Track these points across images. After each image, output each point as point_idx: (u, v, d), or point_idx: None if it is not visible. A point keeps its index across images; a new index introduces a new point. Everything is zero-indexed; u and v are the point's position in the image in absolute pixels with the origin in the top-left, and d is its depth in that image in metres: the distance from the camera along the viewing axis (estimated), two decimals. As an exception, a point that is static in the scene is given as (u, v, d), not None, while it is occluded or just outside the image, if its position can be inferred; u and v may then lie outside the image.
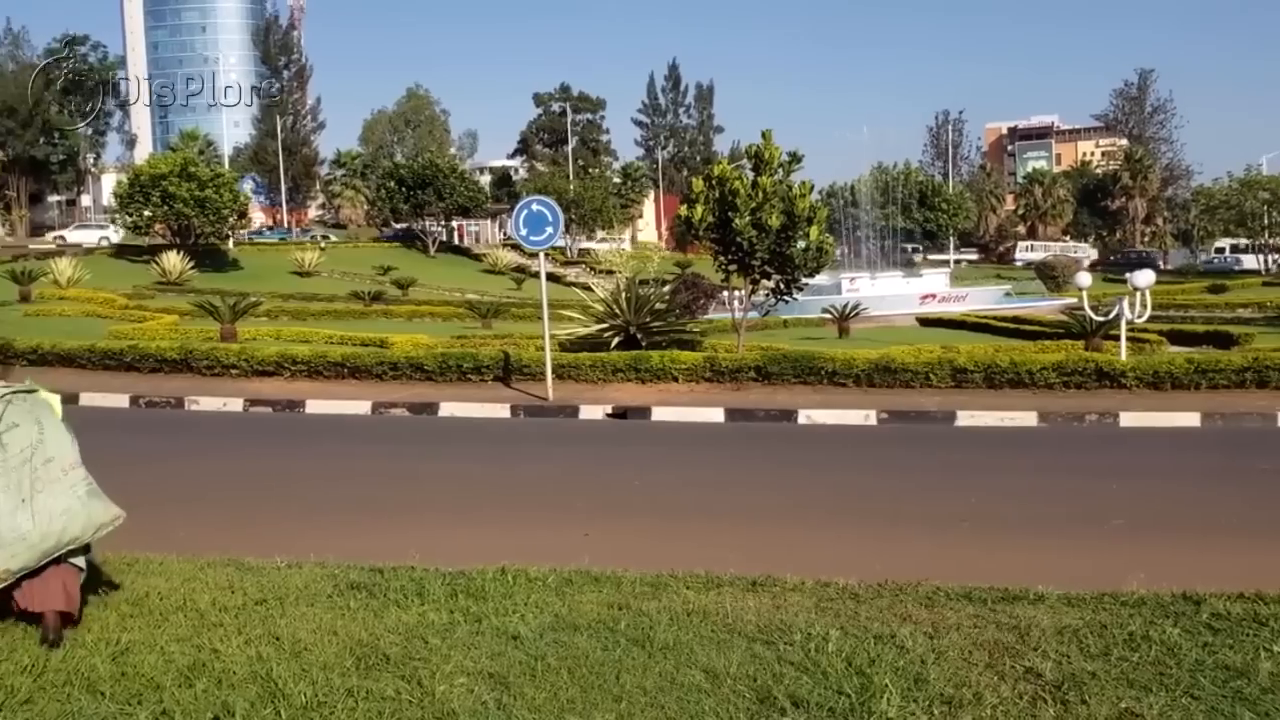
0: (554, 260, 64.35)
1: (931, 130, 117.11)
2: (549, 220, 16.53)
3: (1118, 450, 12.93)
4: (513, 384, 17.57)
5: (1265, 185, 68.02)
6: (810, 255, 18.72)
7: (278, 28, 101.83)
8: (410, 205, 72.35)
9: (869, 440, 13.98)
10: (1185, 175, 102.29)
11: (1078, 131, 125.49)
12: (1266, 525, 8.50)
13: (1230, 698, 4.37)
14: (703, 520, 8.94)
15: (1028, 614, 5.54)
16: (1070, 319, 23.82)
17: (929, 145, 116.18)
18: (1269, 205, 67.31)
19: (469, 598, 5.97)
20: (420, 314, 38.47)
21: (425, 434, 14.72)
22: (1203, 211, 75.69)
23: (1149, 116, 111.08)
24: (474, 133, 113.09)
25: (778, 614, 5.62)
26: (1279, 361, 15.90)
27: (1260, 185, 68.38)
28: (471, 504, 9.72)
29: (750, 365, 17.26)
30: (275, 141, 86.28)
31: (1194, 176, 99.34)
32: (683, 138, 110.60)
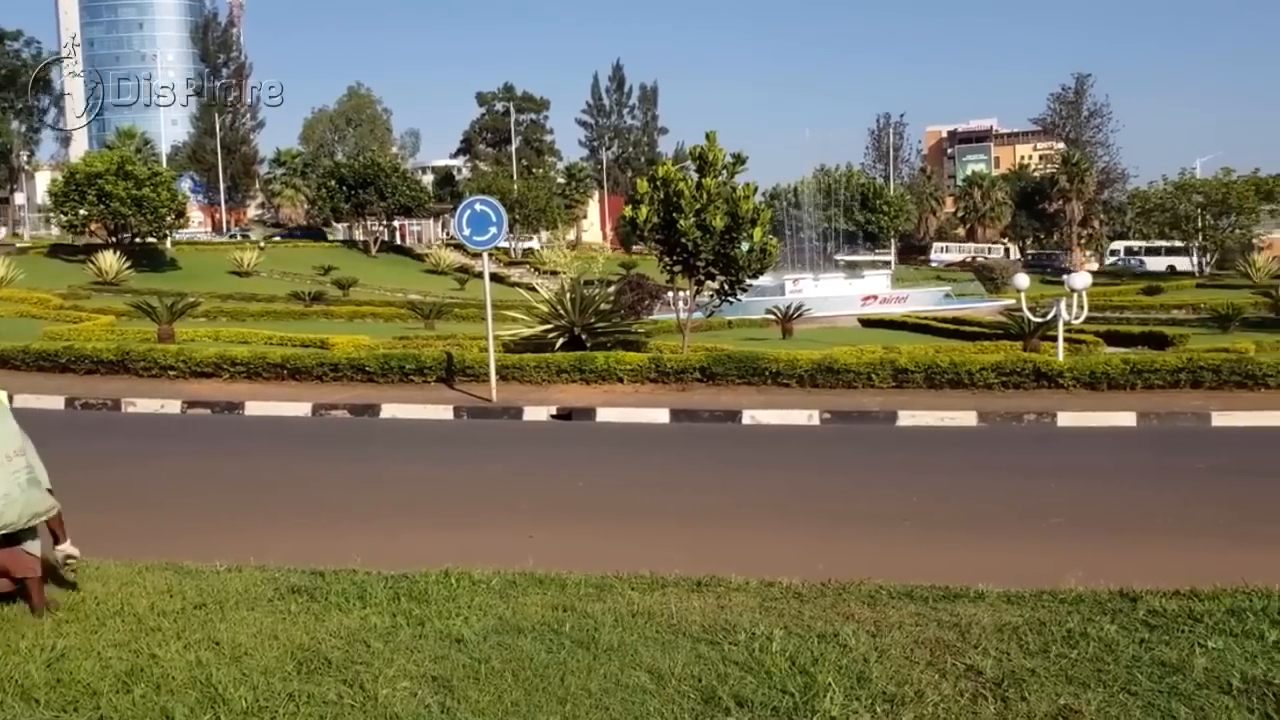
0: (498, 261, 64.10)
1: (873, 133, 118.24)
2: (493, 220, 16.45)
3: (1056, 449, 13.12)
4: (456, 385, 17.47)
5: (1199, 188, 69.37)
6: (754, 256, 18.83)
7: (216, 25, 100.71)
8: (351, 205, 71.69)
9: (812, 440, 14.06)
10: (1121, 178, 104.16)
11: (1016, 135, 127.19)
12: (1201, 523, 8.66)
13: (1166, 693, 4.45)
14: (648, 521, 8.94)
15: (968, 612, 5.60)
16: (1009, 320, 24.15)
17: (871, 148, 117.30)
18: (1202, 208, 68.68)
19: (412, 601, 5.93)
20: (362, 314, 38.16)
21: (367, 436, 14.59)
22: (1138, 214, 77.05)
23: (1085, 120, 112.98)
24: (416, 132, 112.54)
25: (722, 614, 5.63)
26: (1213, 362, 16.23)
27: (1194, 188, 69.72)
28: (414, 506, 9.65)
29: (695, 366, 17.30)
30: (214, 140, 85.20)
31: (1130, 180, 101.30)
32: (627, 138, 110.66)
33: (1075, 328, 20.16)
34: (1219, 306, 30.39)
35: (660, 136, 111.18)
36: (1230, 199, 67.09)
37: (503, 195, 66.64)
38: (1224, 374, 15.94)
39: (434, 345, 21.71)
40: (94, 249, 53.00)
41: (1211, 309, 31.19)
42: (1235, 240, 68.65)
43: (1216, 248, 69.19)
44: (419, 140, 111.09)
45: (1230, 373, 15.93)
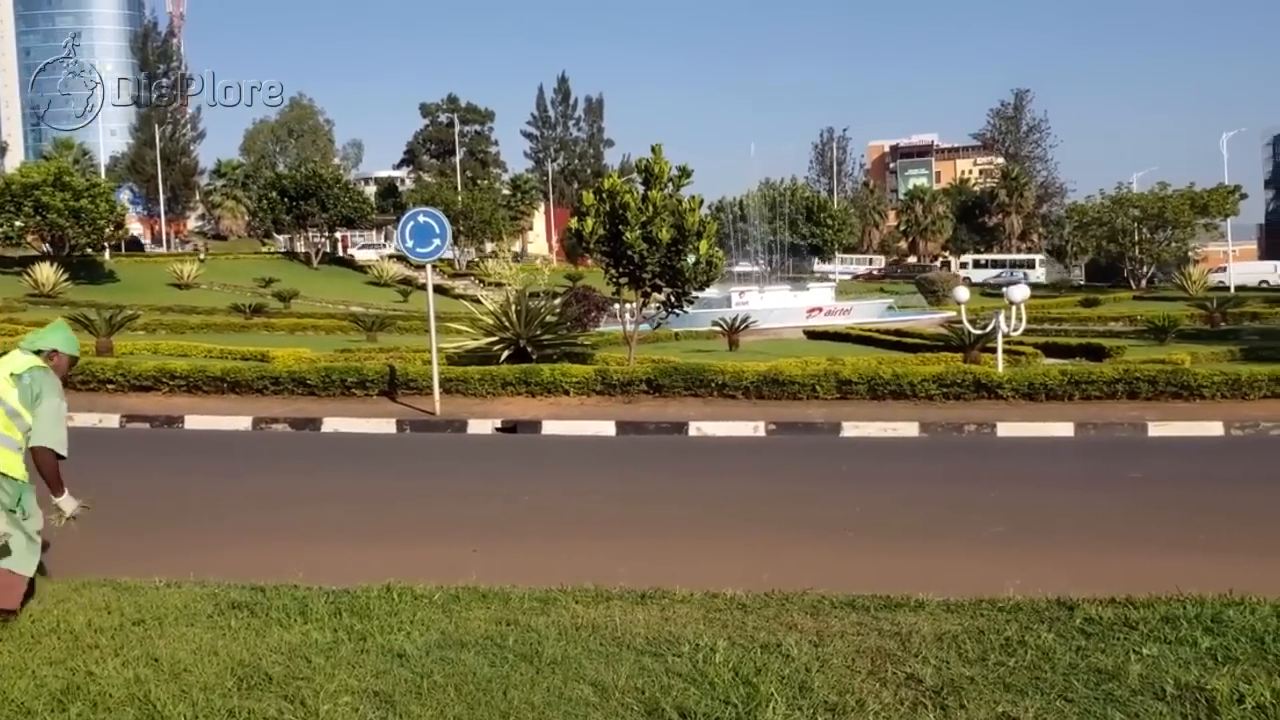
0: (442, 272, 63.72)
1: (817, 147, 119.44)
2: (436, 232, 16.39)
3: (995, 459, 13.29)
4: (399, 399, 17.35)
5: (1135, 202, 70.65)
6: (700, 269, 18.91)
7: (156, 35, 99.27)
8: (293, 216, 71.00)
9: (758, 451, 14.13)
10: (1059, 192, 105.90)
11: (957, 150, 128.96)
12: (1137, 532, 8.80)
13: (1102, 700, 4.51)
14: (593, 534, 8.92)
15: (909, 621, 5.65)
16: (950, 332, 24.45)
17: (815, 162, 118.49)
18: (1139, 222, 69.93)
19: (353, 616, 5.89)
20: (303, 327, 37.76)
21: (308, 450, 14.44)
22: (1076, 228, 78.36)
23: (1024, 135, 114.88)
24: (359, 143, 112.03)
25: (666, 626, 5.64)
26: (1149, 373, 16.52)
27: (1131, 202, 70.99)
28: (357, 521, 9.56)
29: (641, 378, 17.32)
30: (153, 151, 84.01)
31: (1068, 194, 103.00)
32: (573, 150, 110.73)
33: (1014, 340, 20.42)
34: (1155, 319, 30.87)
35: (606, 148, 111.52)
36: (1166, 213, 68.37)
37: (447, 207, 66.31)
38: (1160, 385, 16.22)
39: (376, 358, 21.56)
40: (30, 261, 52.01)
41: (1148, 321, 31.68)
42: (1171, 253, 69.99)
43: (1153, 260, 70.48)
44: (362, 151, 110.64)
45: (1166, 383, 16.22)
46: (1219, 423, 14.57)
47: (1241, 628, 5.33)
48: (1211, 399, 15.98)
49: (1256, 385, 16.16)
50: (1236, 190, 71.23)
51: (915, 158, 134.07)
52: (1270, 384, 16.19)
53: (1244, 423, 14.59)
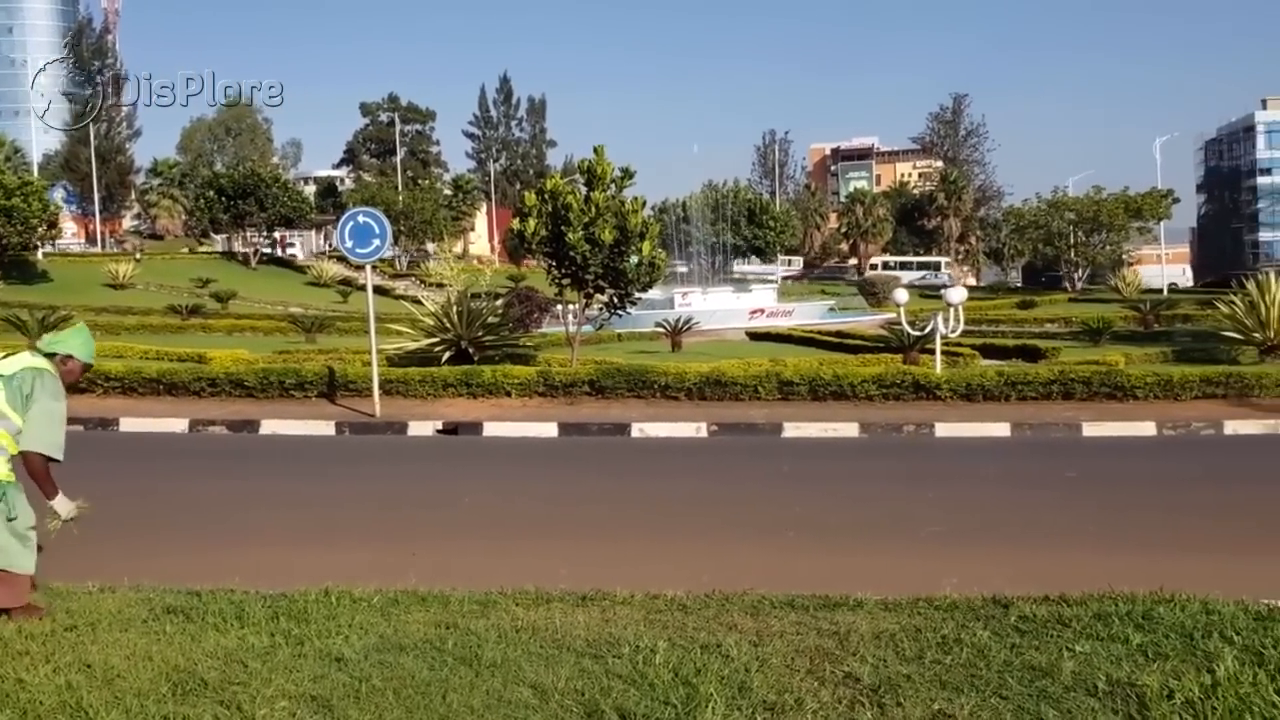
0: (382, 273, 63.17)
1: (760, 149, 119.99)
2: (376, 232, 16.27)
3: (934, 459, 13.44)
4: (338, 400, 17.19)
5: (1071, 206, 71.82)
6: (643, 270, 18.92)
7: (91, 31, 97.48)
8: (230, 215, 70.05)
9: (700, 452, 14.17)
10: (997, 196, 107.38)
11: (896, 153, 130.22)
12: (1071, 531, 8.95)
13: (1036, 696, 4.57)
14: (534, 536, 8.91)
15: (847, 620, 5.69)
16: (889, 334, 24.65)
17: (757, 164, 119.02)
18: (1074, 225, 71.10)
19: (291, 620, 5.82)
20: (241, 328, 37.27)
21: (246, 453, 14.27)
22: (1013, 231, 79.56)
23: (963, 140, 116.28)
24: (298, 142, 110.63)
25: (607, 628, 5.64)
26: (1083, 374, 16.80)
27: (1066, 206, 72.17)
28: (295, 524, 9.47)
29: (584, 379, 17.31)
30: (88, 149, 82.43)
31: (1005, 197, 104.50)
32: (515, 151, 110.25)
33: (952, 341, 20.66)
34: (1090, 320, 31.34)
35: (549, 149, 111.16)
36: (1101, 216, 69.59)
37: (387, 206, 65.76)
38: (1094, 385, 16.51)
39: (315, 359, 21.34)
40: (-41, 260, 50.91)
41: (1083, 323, 32.14)
42: (1106, 256, 71.21)
43: (1089, 263, 71.70)
44: (301, 150, 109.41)
45: (1100, 384, 16.51)
46: (1151, 423, 14.84)
47: (1171, 624, 5.43)
48: (1144, 399, 16.28)
49: (1188, 386, 16.50)
50: (1169, 194, 72.70)
51: (856, 161, 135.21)
52: (1201, 385, 16.54)
53: (1175, 423, 14.88)
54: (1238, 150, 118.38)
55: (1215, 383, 16.61)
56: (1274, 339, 21.09)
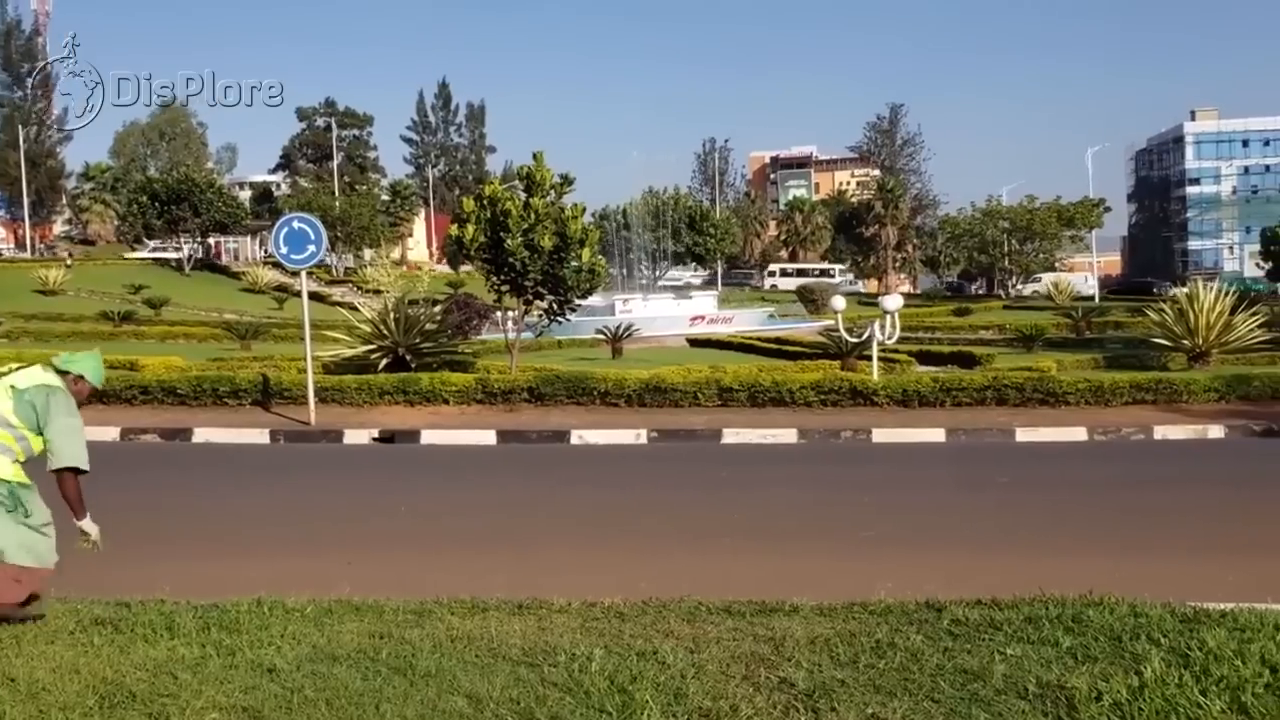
0: (318, 279, 62.57)
1: (699, 157, 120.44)
2: (311, 238, 16.11)
3: (870, 465, 13.56)
4: (273, 408, 16.97)
5: (1005, 215, 73.00)
6: (583, 276, 18.90)
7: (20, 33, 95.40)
8: (164, 221, 68.98)
9: (640, 459, 14.18)
10: (933, 204, 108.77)
11: (835, 162, 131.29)
12: (1003, 535, 9.07)
13: (967, 700, 4.61)
14: (471, 545, 8.85)
15: (783, 625, 5.71)
16: (828, 340, 24.84)
17: (697, 171, 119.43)
18: (1008, 234, 72.24)
19: (222, 630, 5.73)
20: (174, 335, 36.70)
21: (178, 461, 14.05)
22: (949, 239, 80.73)
23: (899, 149, 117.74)
24: (233, 146, 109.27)
25: (543, 636, 5.61)
26: (1017, 380, 17.05)
27: (1000, 215, 73.35)
28: (226, 533, 9.33)
29: (523, 386, 17.25)
30: (17, 153, 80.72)
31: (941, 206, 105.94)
32: (454, 156, 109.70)
33: (889, 348, 20.87)
34: (1023, 327, 31.78)
35: (488, 155, 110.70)
36: (1034, 225, 70.78)
37: (324, 212, 65.05)
38: (1027, 391, 16.76)
39: (250, 366, 21.05)
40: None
41: (1016, 330, 32.58)
42: (1039, 264, 72.42)
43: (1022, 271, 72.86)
44: (236, 155, 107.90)
45: (1033, 390, 16.76)
46: (1083, 428, 15.10)
47: (1100, 627, 5.50)
48: (1076, 405, 16.56)
49: (1118, 392, 16.82)
50: (1101, 203, 74.21)
51: (795, 169, 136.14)
52: (1131, 390, 16.87)
53: (1106, 428, 15.15)
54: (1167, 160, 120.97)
55: (1145, 389, 16.94)
56: (1202, 346, 21.56)
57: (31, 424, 5.99)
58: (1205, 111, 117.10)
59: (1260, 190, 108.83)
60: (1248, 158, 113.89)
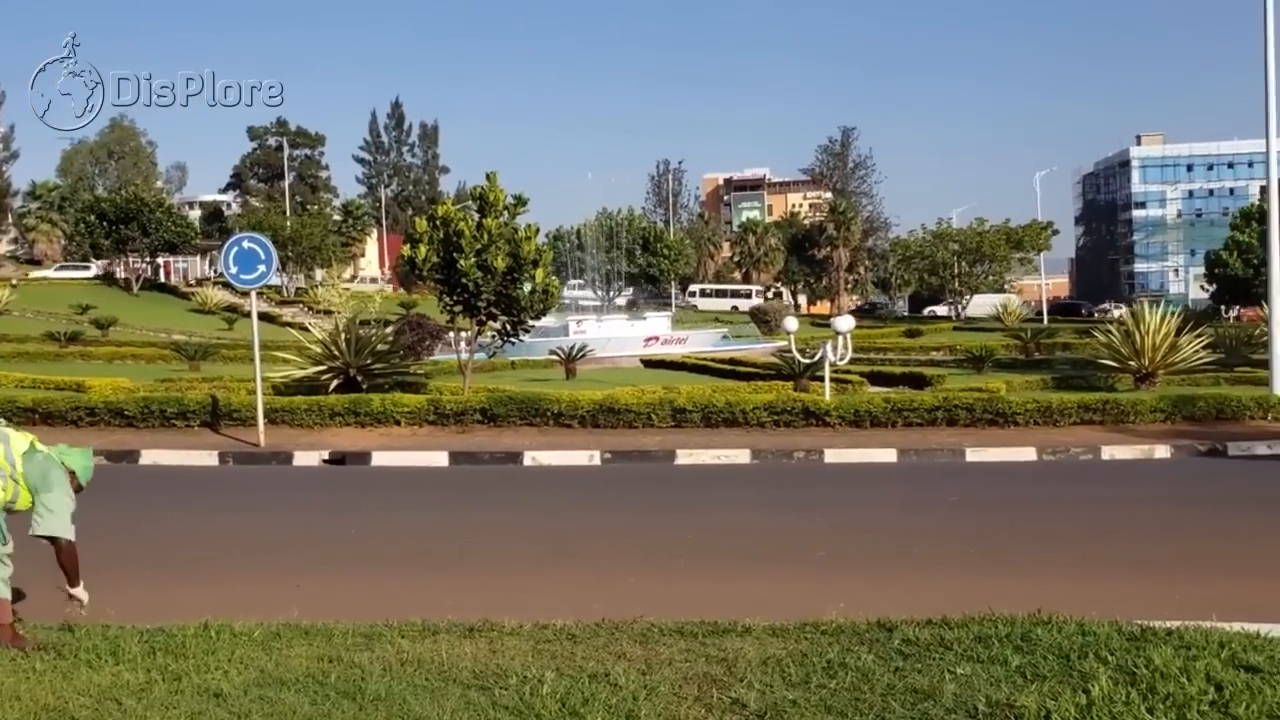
0: (269, 299, 62.04)
1: (654, 178, 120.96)
2: (261, 258, 15.98)
3: (823, 485, 13.62)
4: (222, 430, 16.78)
5: (955, 237, 73.81)
6: (536, 297, 18.88)
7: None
8: (112, 240, 68.15)
9: (593, 480, 14.14)
10: (884, 227, 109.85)
11: (788, 184, 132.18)
12: (954, 554, 9.13)
13: (918, 719, 4.64)
14: (422, 567, 8.78)
15: (735, 646, 5.71)
16: (781, 361, 24.96)
17: (651, 193, 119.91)
18: (958, 256, 73.05)
19: (168, 655, 5.65)
20: (122, 356, 36.21)
21: (124, 484, 13.81)
22: (900, 261, 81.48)
23: (851, 171, 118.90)
24: (183, 165, 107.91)
25: (494, 659, 5.57)
26: (967, 401, 17.21)
27: (950, 237, 74.15)
28: (172, 557, 9.20)
29: (475, 407, 17.18)
30: (-39, 171, 79.65)
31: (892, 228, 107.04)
32: (407, 176, 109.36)
33: (841, 368, 21.00)
34: (973, 348, 32.05)
35: (442, 175, 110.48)
36: (983, 247, 71.60)
37: (275, 232, 64.58)
38: (977, 412, 16.91)
39: (199, 388, 20.82)
40: None
41: (967, 351, 32.87)
42: (989, 286, 73.24)
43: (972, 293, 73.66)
44: (186, 174, 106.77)
45: (983, 411, 16.92)
46: (1032, 448, 15.26)
47: (1049, 646, 5.55)
48: (1025, 425, 16.74)
49: (1066, 412, 17.01)
50: (1049, 226, 75.15)
51: (748, 191, 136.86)
52: (1079, 411, 17.08)
53: (1055, 448, 15.32)
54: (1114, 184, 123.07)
55: (1093, 409, 17.16)
56: (1148, 367, 21.88)
57: (31, 482, 6.22)
58: (1150, 136, 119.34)
59: (1204, 214, 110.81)
60: (1192, 182, 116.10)
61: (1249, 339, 28.14)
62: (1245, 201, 73.46)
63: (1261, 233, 32.03)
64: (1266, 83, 19.04)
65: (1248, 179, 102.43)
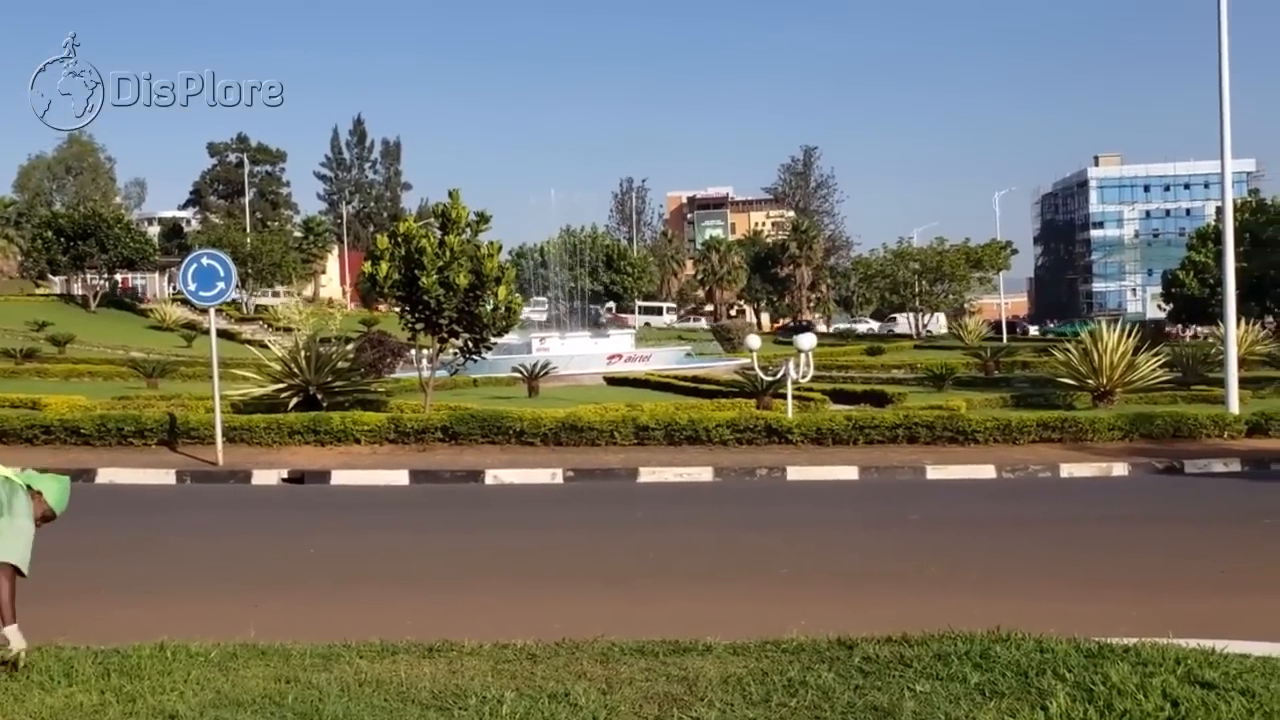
0: (228, 316, 61.54)
1: (617, 196, 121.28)
2: (220, 275, 15.87)
3: (785, 502, 13.64)
4: (180, 448, 16.61)
5: (915, 256, 74.48)
6: (499, 314, 18.84)
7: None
8: (70, 256, 67.43)
9: (555, 499, 14.10)
10: (846, 245, 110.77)
11: (751, 203, 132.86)
12: (914, 572, 9.16)
13: (878, 736, 4.65)
14: (381, 587, 8.72)
15: (696, 665, 5.70)
16: (744, 379, 25.01)
17: (615, 210, 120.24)
18: (919, 275, 73.70)
19: (123, 677, 5.56)
20: (79, 373, 35.78)
21: (81, 503, 13.55)
22: (861, 280, 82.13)
23: (813, 190, 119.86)
24: (142, 181, 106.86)
25: (454, 679, 5.52)
26: (927, 419, 17.32)
27: (911, 256, 74.82)
28: (128, 576, 9.08)
29: (437, 425, 17.10)
30: (-85, 185, 78.57)
31: (854, 247, 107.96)
32: (369, 193, 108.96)
33: (804, 386, 21.06)
34: (934, 367, 32.23)
35: (404, 192, 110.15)
36: (944, 266, 72.29)
37: (235, 248, 64.17)
38: (938, 430, 17.02)
39: (157, 406, 20.59)
40: None
41: (927, 369, 33.06)
42: (949, 305, 73.93)
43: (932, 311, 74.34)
44: (145, 190, 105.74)
45: (943, 429, 17.03)
46: (991, 466, 15.37)
47: (1007, 663, 5.57)
48: (985, 443, 16.86)
49: (1025, 430, 17.16)
50: (1008, 246, 76.01)
51: (712, 209, 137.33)
52: (1038, 429, 17.23)
53: (1014, 466, 15.44)
54: (1072, 204, 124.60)
55: (1051, 427, 17.32)
56: (1106, 385, 22.11)
57: None
58: (1108, 157, 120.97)
59: (1161, 234, 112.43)
60: (1149, 202, 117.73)
61: (1205, 358, 28.49)
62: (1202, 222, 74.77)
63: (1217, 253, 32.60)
64: (1221, 105, 19.37)
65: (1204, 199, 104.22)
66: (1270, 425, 17.76)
